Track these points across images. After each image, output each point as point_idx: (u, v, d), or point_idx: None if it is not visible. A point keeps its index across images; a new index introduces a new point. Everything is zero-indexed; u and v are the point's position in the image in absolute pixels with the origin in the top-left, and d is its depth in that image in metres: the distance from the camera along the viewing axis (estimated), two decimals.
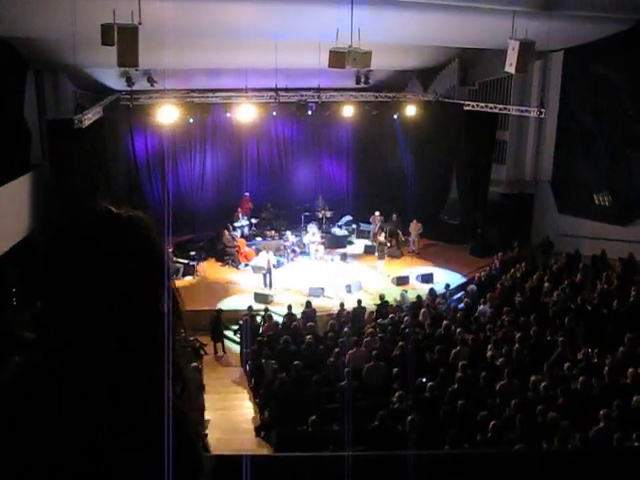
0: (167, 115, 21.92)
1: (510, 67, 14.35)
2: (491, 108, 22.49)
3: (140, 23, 11.71)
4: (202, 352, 16.76)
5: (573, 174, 21.92)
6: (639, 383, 11.02)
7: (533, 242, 23.08)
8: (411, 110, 24.19)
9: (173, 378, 1.42)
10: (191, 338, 16.55)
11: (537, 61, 21.77)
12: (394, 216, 24.83)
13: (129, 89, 21.82)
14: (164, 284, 1.50)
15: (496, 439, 9.56)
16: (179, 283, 20.82)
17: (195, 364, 14.35)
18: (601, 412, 9.75)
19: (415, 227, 23.92)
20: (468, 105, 23.02)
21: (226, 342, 17.94)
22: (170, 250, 21.46)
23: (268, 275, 20.73)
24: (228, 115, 23.78)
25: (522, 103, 22.58)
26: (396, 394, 11.44)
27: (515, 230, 22.52)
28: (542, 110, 21.34)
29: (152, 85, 21.57)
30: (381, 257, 22.45)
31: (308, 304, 17.69)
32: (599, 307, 15.30)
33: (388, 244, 23.08)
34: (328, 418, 11.11)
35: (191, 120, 23.49)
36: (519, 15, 15.01)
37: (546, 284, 17.36)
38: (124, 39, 11.78)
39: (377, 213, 24.81)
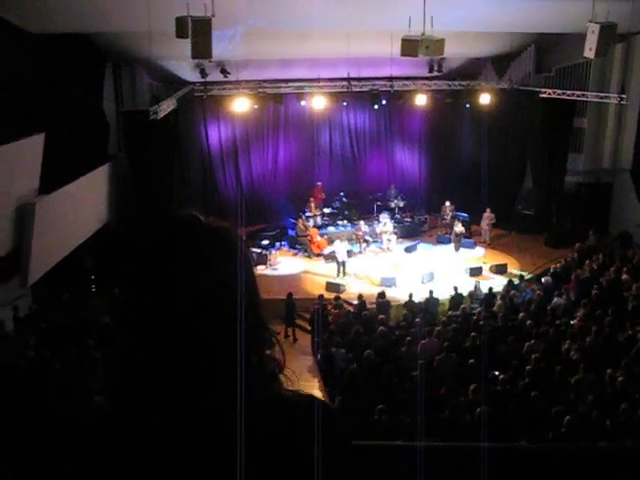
0: (240, 105, 22.16)
1: (590, 52, 13.89)
2: (568, 95, 21.88)
3: (213, 15, 11.84)
4: (274, 340, 16.92)
5: None
6: None
7: (611, 233, 22.40)
8: (485, 98, 23.77)
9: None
10: (265, 327, 16.71)
11: (619, 45, 21.01)
12: (447, 204, 24.58)
13: (203, 80, 22.15)
14: (250, 294, 1.52)
15: (571, 435, 9.35)
16: None
17: (269, 352, 14.49)
18: None
19: (488, 217, 23.55)
20: (544, 92, 22.47)
21: (298, 330, 18.09)
22: (243, 239, 21.71)
23: (341, 265, 20.78)
24: (301, 104, 23.88)
25: (601, 89, 21.88)
26: (470, 387, 11.31)
27: (592, 220, 21.92)
28: (623, 96, 20.63)
29: (225, 76, 21.83)
30: (457, 248, 22.21)
31: (382, 294, 17.66)
32: None
33: (464, 235, 22.85)
34: (398, 408, 11.07)
35: (263, 111, 23.69)
36: None
37: (625, 276, 16.85)
38: (198, 31, 11.93)
39: (447, 203, 24.53)
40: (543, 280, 18.67)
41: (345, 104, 24.30)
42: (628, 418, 9.65)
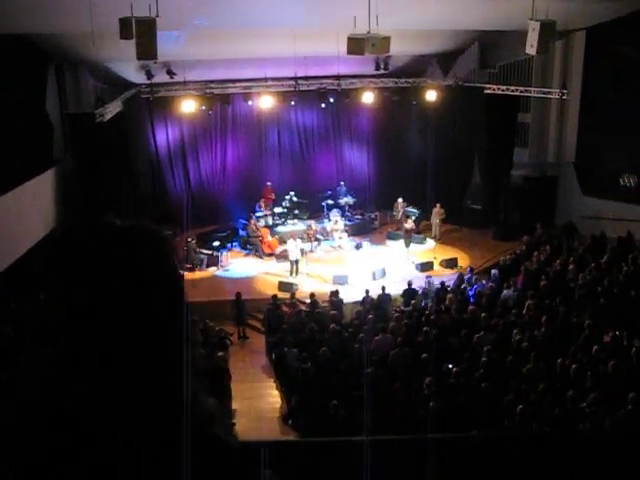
0: (187, 107, 22.01)
1: (531, 49, 14.14)
2: (512, 91, 22.26)
3: (158, 15, 11.73)
4: (228, 342, 16.85)
5: (597, 155, 21.65)
6: None
7: (557, 225, 22.86)
8: (431, 95, 24.03)
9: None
10: (216, 328, 16.67)
11: (558, 42, 21.47)
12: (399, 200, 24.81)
13: (149, 82, 21.92)
14: (176, 299, 1.48)
15: (524, 423, 9.54)
16: (203, 274, 20.96)
17: (221, 353, 14.44)
18: (630, 395, 9.69)
19: (438, 212, 23.82)
20: (489, 88, 22.82)
21: (253, 331, 18.06)
22: (193, 241, 21.62)
23: (293, 264, 20.79)
24: (248, 104, 23.82)
25: (544, 85, 22.33)
26: (424, 380, 11.44)
27: (538, 213, 22.33)
28: (564, 91, 21.07)
29: (172, 77, 21.65)
30: (408, 244, 22.45)
31: (335, 292, 17.73)
32: (626, 289, 15.16)
33: (415, 231, 23.06)
34: (354, 405, 11.14)
35: (211, 112, 23.57)
36: None
37: (571, 267, 17.23)
38: (142, 32, 11.80)
39: (400, 200, 24.72)
40: (492, 273, 18.96)
41: (293, 103, 24.30)
42: (575, 405, 9.88)
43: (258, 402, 14.32)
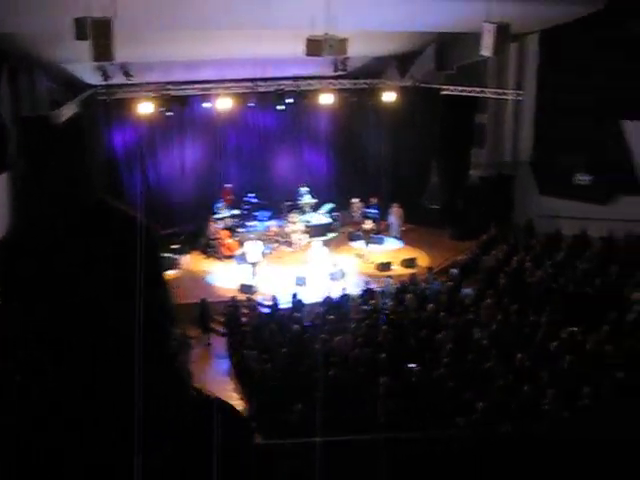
0: (144, 108, 21.80)
1: (486, 50, 14.34)
2: (469, 92, 22.52)
3: (114, 16, 11.59)
4: (189, 345, 16.72)
5: (552, 155, 22.03)
6: (620, 360, 11.16)
7: (515, 223, 23.16)
8: (389, 96, 24.18)
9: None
10: (178, 331, 16.52)
11: (513, 44, 21.77)
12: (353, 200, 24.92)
13: (105, 83, 21.62)
14: (155, 273, 1.49)
15: (484, 420, 9.65)
16: None
17: (182, 358, 14.31)
18: (584, 389, 9.88)
19: (396, 212, 23.98)
20: (446, 89, 23.04)
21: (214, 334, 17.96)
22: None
23: (252, 266, 20.73)
24: (206, 107, 23.66)
25: (500, 86, 22.64)
26: (383, 380, 11.51)
27: (496, 212, 22.60)
28: (519, 92, 21.38)
29: (129, 79, 21.39)
30: (367, 244, 22.54)
31: (294, 294, 17.74)
32: (581, 286, 15.44)
33: (374, 231, 23.19)
34: (316, 406, 11.15)
35: (168, 113, 23.35)
36: None
37: (528, 264, 17.49)
38: (98, 33, 11.66)
39: (355, 200, 24.85)
40: (451, 272, 19.15)
41: (252, 105, 24.22)
42: (534, 401, 10.04)
43: None
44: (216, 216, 23.80)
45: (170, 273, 21.19)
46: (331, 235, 24.75)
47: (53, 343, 1.40)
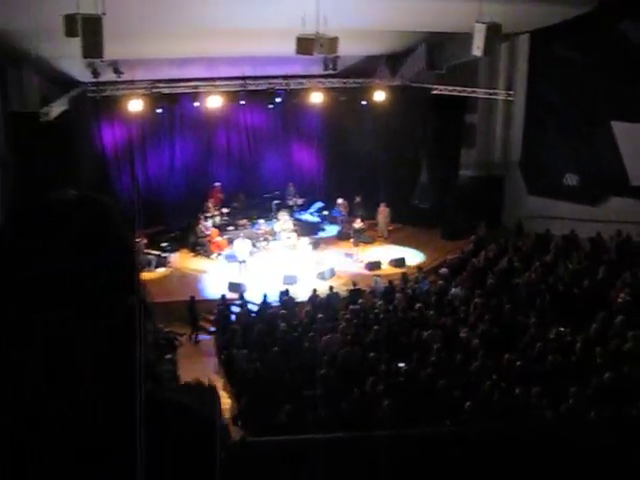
0: (134, 106, 21.71)
1: (477, 50, 14.37)
2: (459, 92, 22.55)
3: (104, 13, 11.54)
4: (176, 343, 16.68)
5: (542, 155, 22.12)
6: (610, 361, 11.21)
7: (505, 224, 23.24)
8: (379, 95, 24.18)
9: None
10: (166, 330, 16.48)
11: (504, 44, 21.84)
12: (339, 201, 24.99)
13: (95, 80, 21.53)
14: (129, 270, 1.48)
15: (472, 419, 9.68)
16: (152, 275, 20.71)
17: (169, 356, 14.27)
18: (571, 389, 9.92)
19: (383, 211, 24.02)
20: (436, 89, 23.07)
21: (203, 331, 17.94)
22: (144, 242, 21.32)
23: (242, 264, 20.71)
24: (196, 105, 23.59)
25: (490, 86, 22.69)
26: (371, 379, 11.52)
27: (485, 212, 22.66)
28: (510, 92, 21.43)
29: (118, 76, 21.30)
30: (357, 244, 22.56)
31: (284, 292, 17.73)
32: (570, 286, 15.49)
33: (363, 230, 23.21)
34: (304, 405, 11.16)
35: (158, 111, 23.26)
36: None
37: (517, 265, 17.54)
38: (88, 30, 11.60)
39: (340, 200, 24.89)
40: (440, 272, 19.19)
41: (242, 103, 24.16)
42: (521, 401, 10.07)
43: None
44: (205, 214, 23.75)
45: (159, 271, 21.17)
46: (320, 234, 24.74)
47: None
